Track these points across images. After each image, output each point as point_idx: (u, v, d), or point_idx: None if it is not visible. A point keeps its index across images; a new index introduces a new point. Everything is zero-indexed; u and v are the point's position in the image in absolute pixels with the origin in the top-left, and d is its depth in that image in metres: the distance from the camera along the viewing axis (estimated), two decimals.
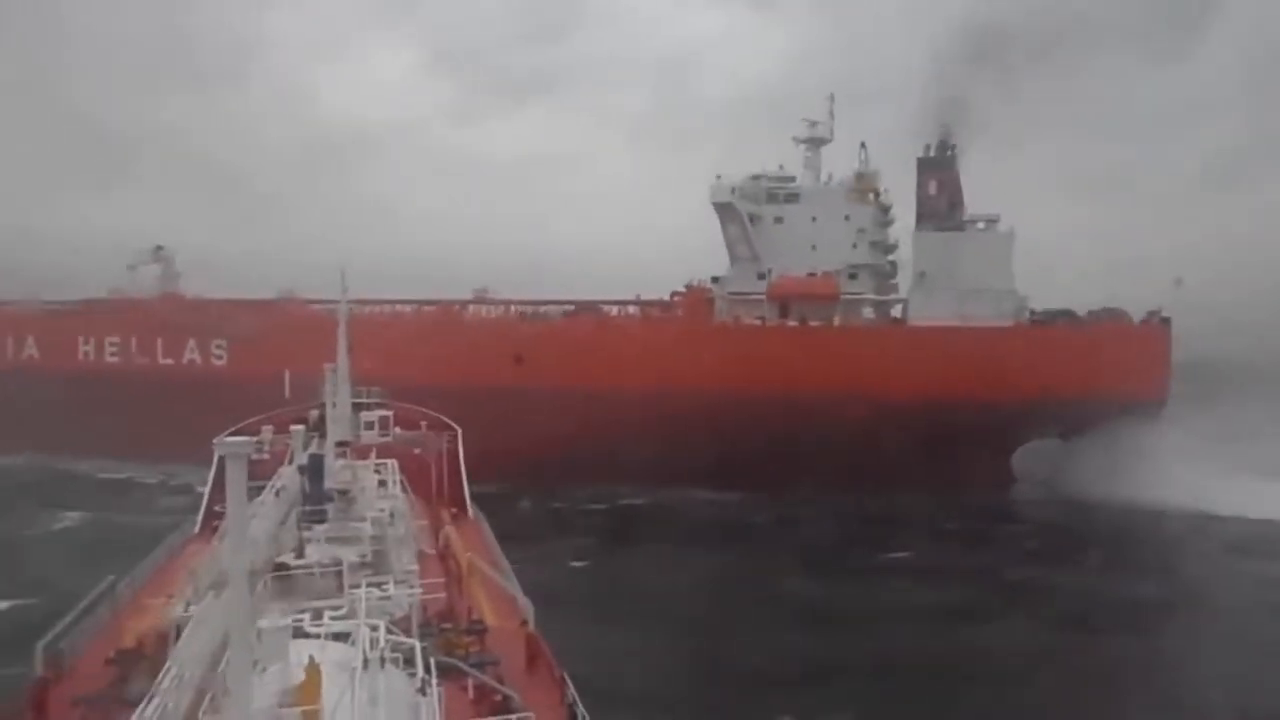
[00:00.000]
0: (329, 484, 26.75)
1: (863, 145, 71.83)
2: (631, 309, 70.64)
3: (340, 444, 32.57)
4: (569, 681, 17.32)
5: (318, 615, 16.96)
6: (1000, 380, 57.81)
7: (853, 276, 67.77)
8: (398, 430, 40.90)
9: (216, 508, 29.05)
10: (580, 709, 16.15)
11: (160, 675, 13.98)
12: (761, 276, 67.34)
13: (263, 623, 13.86)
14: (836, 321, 65.20)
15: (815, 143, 71.66)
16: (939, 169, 69.82)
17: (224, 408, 60.25)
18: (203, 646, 15.38)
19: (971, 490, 57.49)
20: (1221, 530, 52.46)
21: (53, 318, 75.15)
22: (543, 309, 70.09)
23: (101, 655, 18.53)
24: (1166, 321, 63.51)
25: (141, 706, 12.60)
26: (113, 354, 71.83)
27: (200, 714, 12.36)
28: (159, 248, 75.84)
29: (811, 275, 66.63)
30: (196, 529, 31.72)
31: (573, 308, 70.01)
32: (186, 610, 18.23)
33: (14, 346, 74.82)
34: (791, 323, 65.22)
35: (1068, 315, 65.72)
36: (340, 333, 37.55)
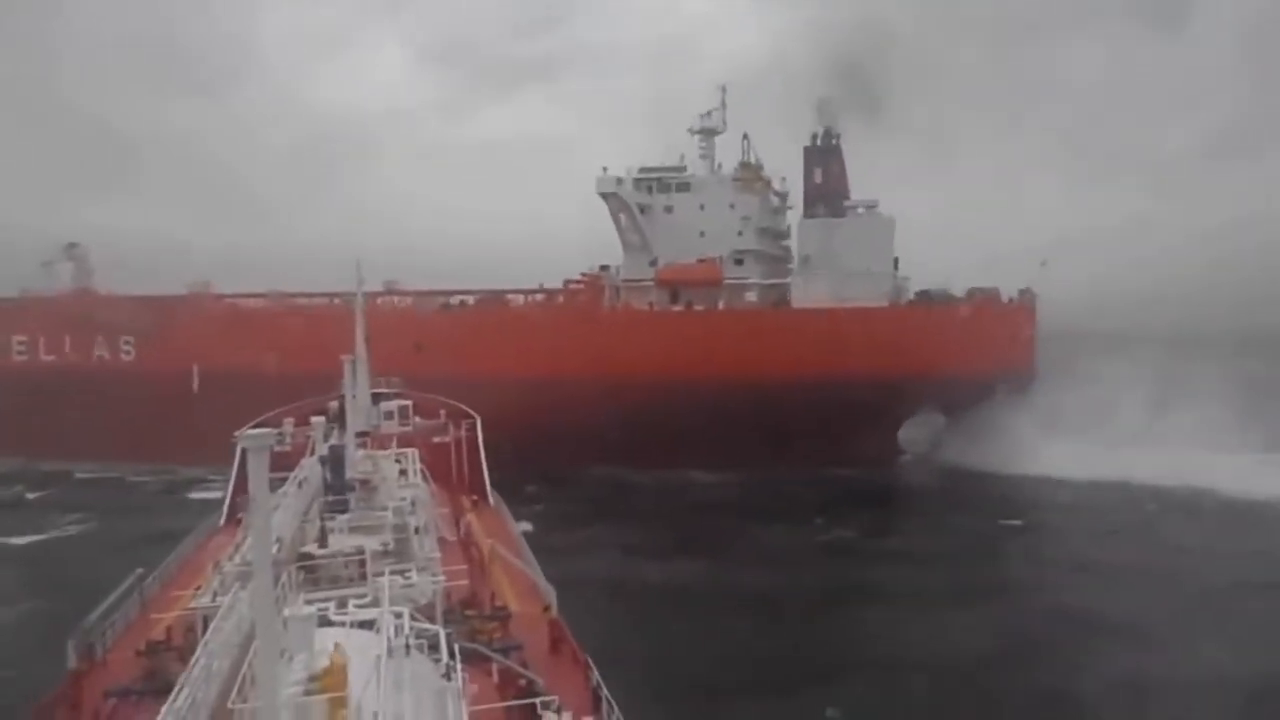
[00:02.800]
0: (350, 474, 26.98)
1: (745, 136, 74.12)
2: (539, 297, 71.69)
3: (360, 434, 32.84)
4: (593, 665, 17.41)
5: (342, 604, 17.14)
6: (873, 358, 59.45)
7: (739, 262, 69.68)
8: (417, 419, 41.23)
9: (240, 499, 29.33)
10: (604, 692, 16.23)
11: (189, 665, 14.17)
12: (653, 264, 69.35)
13: (288, 612, 14.01)
14: (721, 305, 67.01)
15: (708, 133, 73.34)
16: (823, 158, 72.07)
17: (130, 403, 61.80)
18: (230, 636, 15.59)
19: (859, 464, 59.47)
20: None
21: None
22: (452, 299, 70.85)
23: (131, 647, 18.80)
24: (1032, 299, 65.52)
25: (172, 696, 12.77)
26: (20, 352, 71.48)
27: (229, 703, 12.52)
28: (72, 244, 74.42)
29: (702, 261, 68.35)
30: (221, 521, 32.08)
31: (477, 297, 71.12)
32: (214, 601, 18.48)
33: None
34: (677, 308, 66.89)
35: (943, 295, 67.56)
36: (358, 324, 37.76)
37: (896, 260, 69.01)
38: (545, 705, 14.41)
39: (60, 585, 34.98)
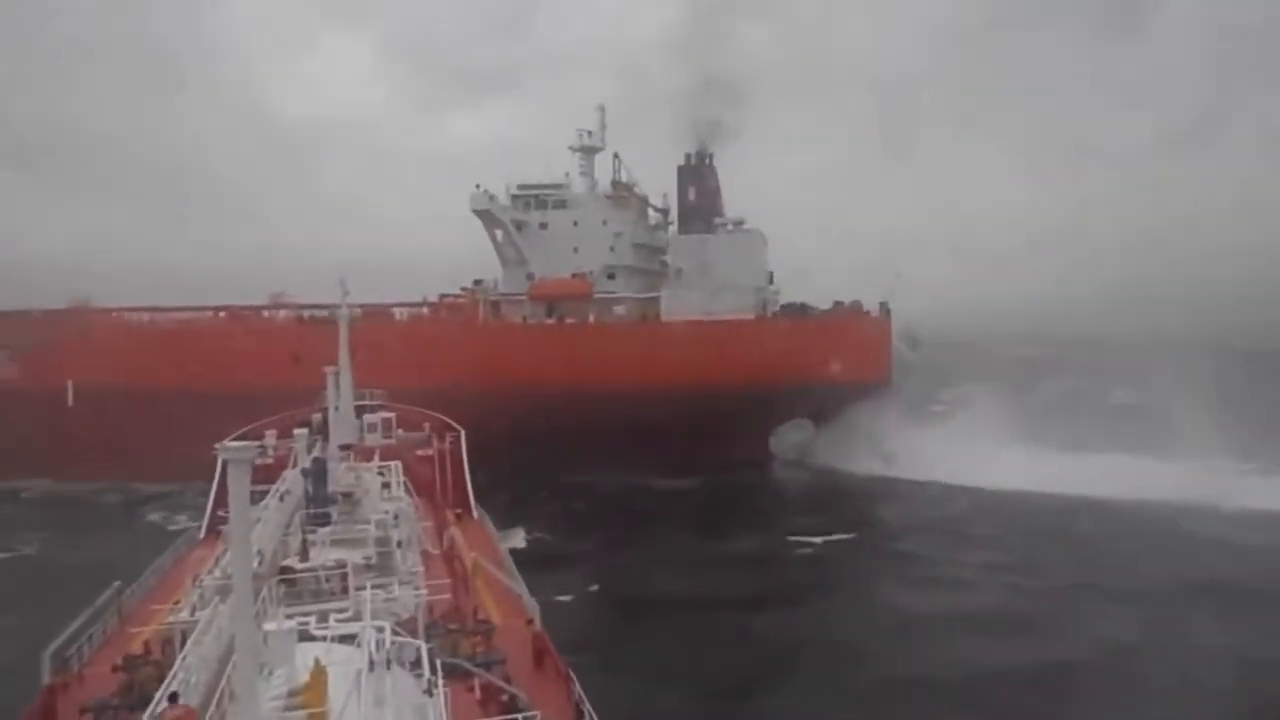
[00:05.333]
0: (332, 487, 26.82)
1: (616, 155, 76.28)
2: (425, 310, 72.35)
3: (343, 447, 32.66)
4: (575, 679, 17.32)
5: (324, 618, 16.99)
6: (734, 369, 61.06)
7: (611, 277, 71.64)
8: (400, 432, 41.02)
9: (220, 512, 29.06)
10: (587, 706, 16.15)
11: (167, 680, 14.02)
12: (529, 278, 71.20)
13: (269, 626, 13.89)
14: (592, 319, 68.46)
15: (588, 151, 75.21)
16: (697, 176, 74.59)
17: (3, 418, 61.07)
18: (209, 651, 15.43)
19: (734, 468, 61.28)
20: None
21: None
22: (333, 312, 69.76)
23: (108, 662, 18.56)
24: (888, 311, 67.26)
25: (148, 711, 12.62)
26: None
27: (207, 718, 12.39)
28: None
29: (576, 276, 70.27)
30: (201, 534, 31.74)
31: (360, 310, 70.01)
32: (192, 615, 18.29)
33: None
34: (549, 321, 68.58)
35: (804, 308, 69.46)
36: (341, 338, 37.54)
37: (771, 275, 71.76)
38: None
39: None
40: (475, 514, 35.93)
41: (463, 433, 40.35)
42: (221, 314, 71.60)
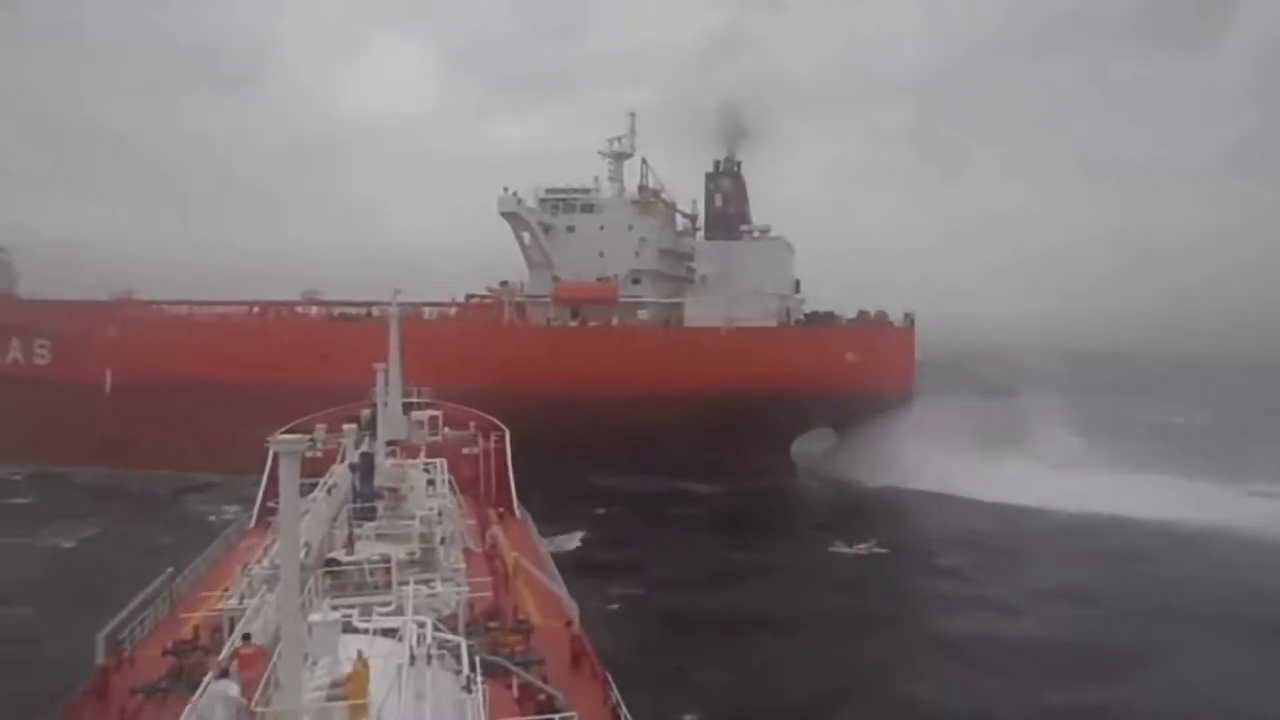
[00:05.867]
0: (379, 482, 27.22)
1: (644, 161, 76.31)
2: (453, 311, 73.08)
3: (390, 443, 33.12)
4: (612, 682, 17.33)
5: (367, 611, 17.25)
6: (756, 375, 60.38)
7: (636, 281, 71.73)
8: (447, 430, 41.48)
9: (270, 503, 29.63)
10: (624, 710, 16.14)
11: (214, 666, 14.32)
12: (555, 281, 71.37)
13: (313, 617, 14.14)
14: (615, 322, 68.55)
15: (618, 157, 75.54)
16: (724, 183, 74.71)
17: (40, 406, 62.83)
18: (256, 640, 15.75)
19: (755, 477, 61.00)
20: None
21: None
22: (372, 310, 68.65)
23: (159, 646, 19.02)
24: (913, 322, 66.64)
25: (196, 695, 12.92)
26: None
27: (252, 705, 12.64)
28: None
29: (601, 280, 70.53)
30: (251, 524, 32.39)
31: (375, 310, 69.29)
32: (241, 604, 18.69)
33: None
34: (573, 324, 68.81)
35: (829, 316, 69.00)
36: (392, 336, 38.11)
37: (798, 283, 71.84)
38: None
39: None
40: (518, 513, 36.16)
41: (507, 432, 40.67)
42: (255, 309, 73.00)
